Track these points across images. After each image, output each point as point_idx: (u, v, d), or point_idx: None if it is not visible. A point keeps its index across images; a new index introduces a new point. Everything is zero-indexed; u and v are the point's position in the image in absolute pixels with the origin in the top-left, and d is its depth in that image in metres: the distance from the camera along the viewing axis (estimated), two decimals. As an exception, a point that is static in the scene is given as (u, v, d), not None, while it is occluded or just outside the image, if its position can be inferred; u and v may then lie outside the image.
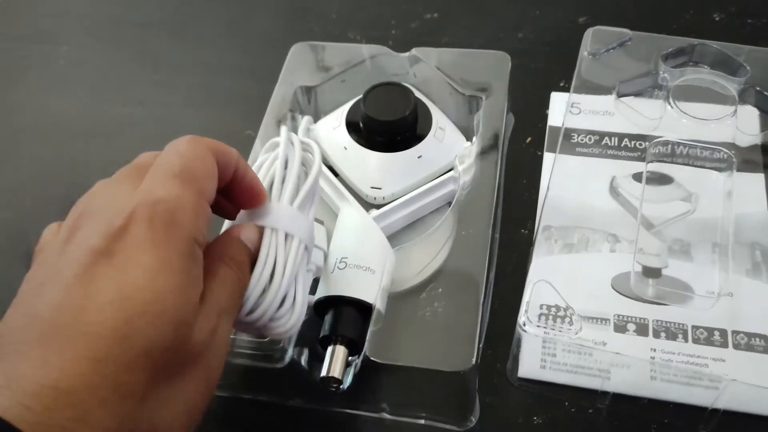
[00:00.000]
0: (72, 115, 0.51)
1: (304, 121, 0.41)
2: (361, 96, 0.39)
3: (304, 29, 0.55)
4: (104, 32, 0.56)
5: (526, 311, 0.33)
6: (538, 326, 0.34)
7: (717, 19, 0.53)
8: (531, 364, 0.35)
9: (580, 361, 0.35)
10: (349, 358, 0.32)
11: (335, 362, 0.31)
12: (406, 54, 0.42)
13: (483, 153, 0.39)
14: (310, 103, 0.43)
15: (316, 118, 0.42)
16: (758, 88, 0.43)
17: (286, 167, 0.31)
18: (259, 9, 0.57)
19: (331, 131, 0.40)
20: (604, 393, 0.34)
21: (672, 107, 0.43)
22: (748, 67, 0.43)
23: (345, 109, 0.40)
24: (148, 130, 0.50)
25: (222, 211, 0.29)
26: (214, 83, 0.52)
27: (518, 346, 0.35)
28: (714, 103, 0.43)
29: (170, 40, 0.55)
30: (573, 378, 0.35)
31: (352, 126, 0.39)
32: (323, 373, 0.31)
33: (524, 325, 0.33)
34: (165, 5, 0.58)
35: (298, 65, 0.44)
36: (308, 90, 0.42)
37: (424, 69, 0.42)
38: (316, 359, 0.32)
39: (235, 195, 0.28)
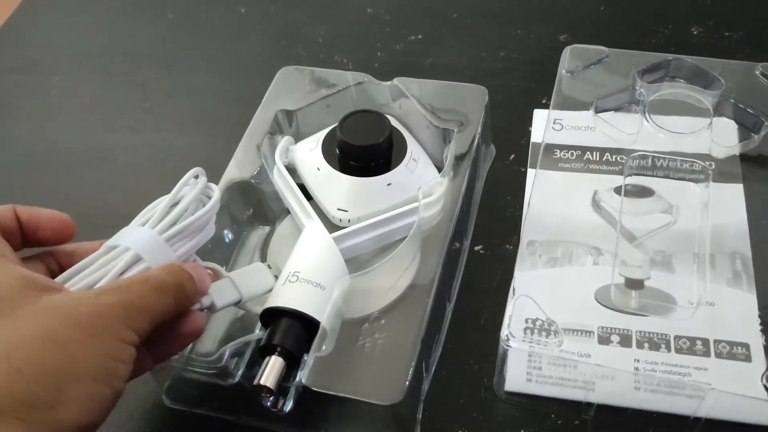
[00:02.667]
0: (65, 143, 0.52)
1: (284, 140, 0.42)
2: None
3: (292, 54, 0.56)
4: (95, 62, 0.57)
5: (508, 325, 0.34)
6: (523, 340, 0.34)
7: (695, 32, 0.54)
8: (517, 378, 0.36)
9: (565, 374, 0.35)
10: (297, 371, 0.32)
11: (269, 372, 0.31)
12: (388, 83, 0.43)
13: (450, 183, 0.39)
14: (291, 126, 0.44)
15: (298, 141, 0.43)
16: (733, 101, 0.43)
17: (178, 203, 0.32)
18: (246, 35, 0.59)
19: (308, 152, 0.40)
20: (589, 404, 0.35)
21: (648, 122, 0.44)
22: (722, 80, 0.44)
23: (324, 132, 0.41)
24: (140, 156, 0.50)
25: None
26: (203, 109, 0.53)
27: (503, 360, 0.35)
28: (690, 116, 0.44)
29: (159, 67, 0.57)
30: (559, 390, 0.35)
31: (327, 149, 0.40)
32: (256, 381, 0.31)
33: (507, 339, 0.34)
34: (154, 34, 0.60)
35: (284, 88, 0.45)
36: (289, 113, 0.43)
37: (404, 100, 0.43)
38: None
39: (35, 234, 0.31)
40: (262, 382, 0.31)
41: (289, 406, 0.32)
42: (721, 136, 0.42)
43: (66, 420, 0.24)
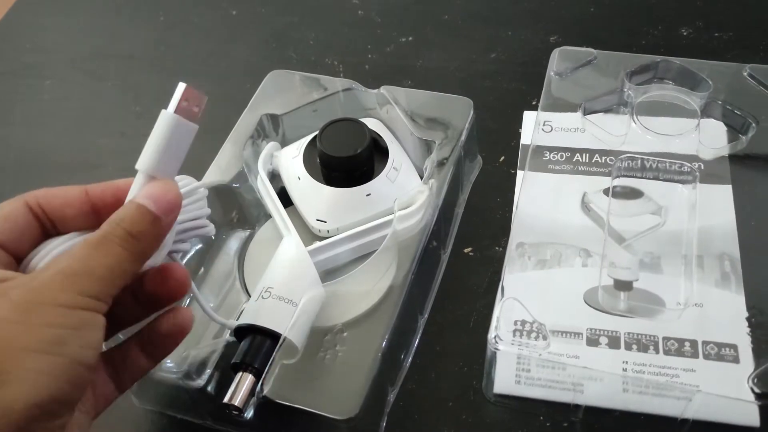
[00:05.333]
0: (56, 148, 0.52)
1: (269, 147, 0.41)
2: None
3: (283, 56, 0.56)
4: (87, 66, 0.57)
5: (496, 327, 0.34)
6: (512, 343, 0.34)
7: (685, 33, 0.54)
8: (506, 380, 0.36)
9: (554, 376, 0.35)
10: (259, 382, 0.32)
11: (239, 390, 0.31)
12: (375, 91, 0.43)
13: (429, 195, 0.39)
14: (276, 132, 0.44)
15: (284, 145, 0.43)
16: (721, 102, 0.44)
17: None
18: (237, 38, 0.59)
19: (291, 160, 0.40)
20: (578, 406, 0.35)
21: (636, 123, 0.44)
22: (710, 82, 0.44)
23: (306, 140, 0.41)
24: (130, 161, 0.50)
25: None
26: (194, 112, 0.53)
27: (491, 362, 0.35)
28: (678, 117, 0.44)
29: (151, 71, 0.57)
30: (547, 392, 0.35)
31: (308, 158, 0.40)
32: (226, 399, 0.31)
33: (495, 342, 0.34)
34: (146, 38, 0.60)
35: (271, 92, 0.45)
36: (274, 118, 0.43)
37: (390, 106, 0.43)
38: (227, 384, 0.33)
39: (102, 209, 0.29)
40: (231, 401, 0.31)
41: (250, 413, 0.32)
42: (709, 138, 0.43)
43: (9, 400, 0.23)
